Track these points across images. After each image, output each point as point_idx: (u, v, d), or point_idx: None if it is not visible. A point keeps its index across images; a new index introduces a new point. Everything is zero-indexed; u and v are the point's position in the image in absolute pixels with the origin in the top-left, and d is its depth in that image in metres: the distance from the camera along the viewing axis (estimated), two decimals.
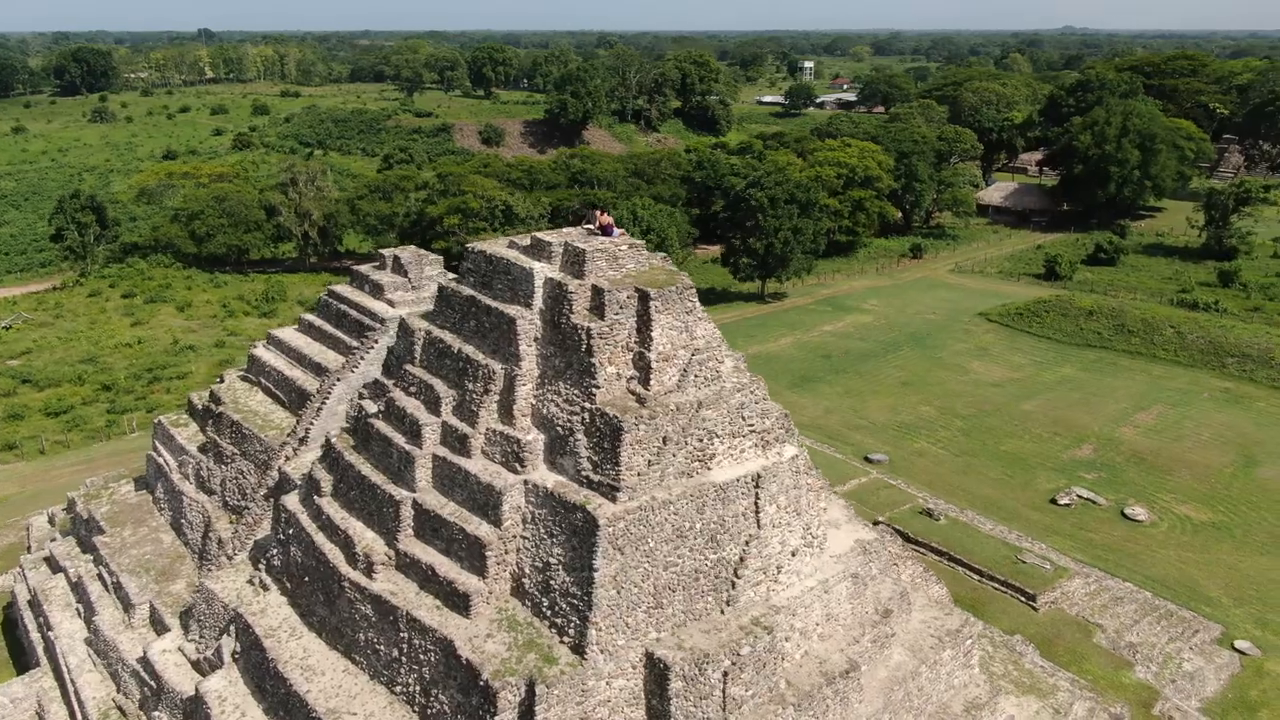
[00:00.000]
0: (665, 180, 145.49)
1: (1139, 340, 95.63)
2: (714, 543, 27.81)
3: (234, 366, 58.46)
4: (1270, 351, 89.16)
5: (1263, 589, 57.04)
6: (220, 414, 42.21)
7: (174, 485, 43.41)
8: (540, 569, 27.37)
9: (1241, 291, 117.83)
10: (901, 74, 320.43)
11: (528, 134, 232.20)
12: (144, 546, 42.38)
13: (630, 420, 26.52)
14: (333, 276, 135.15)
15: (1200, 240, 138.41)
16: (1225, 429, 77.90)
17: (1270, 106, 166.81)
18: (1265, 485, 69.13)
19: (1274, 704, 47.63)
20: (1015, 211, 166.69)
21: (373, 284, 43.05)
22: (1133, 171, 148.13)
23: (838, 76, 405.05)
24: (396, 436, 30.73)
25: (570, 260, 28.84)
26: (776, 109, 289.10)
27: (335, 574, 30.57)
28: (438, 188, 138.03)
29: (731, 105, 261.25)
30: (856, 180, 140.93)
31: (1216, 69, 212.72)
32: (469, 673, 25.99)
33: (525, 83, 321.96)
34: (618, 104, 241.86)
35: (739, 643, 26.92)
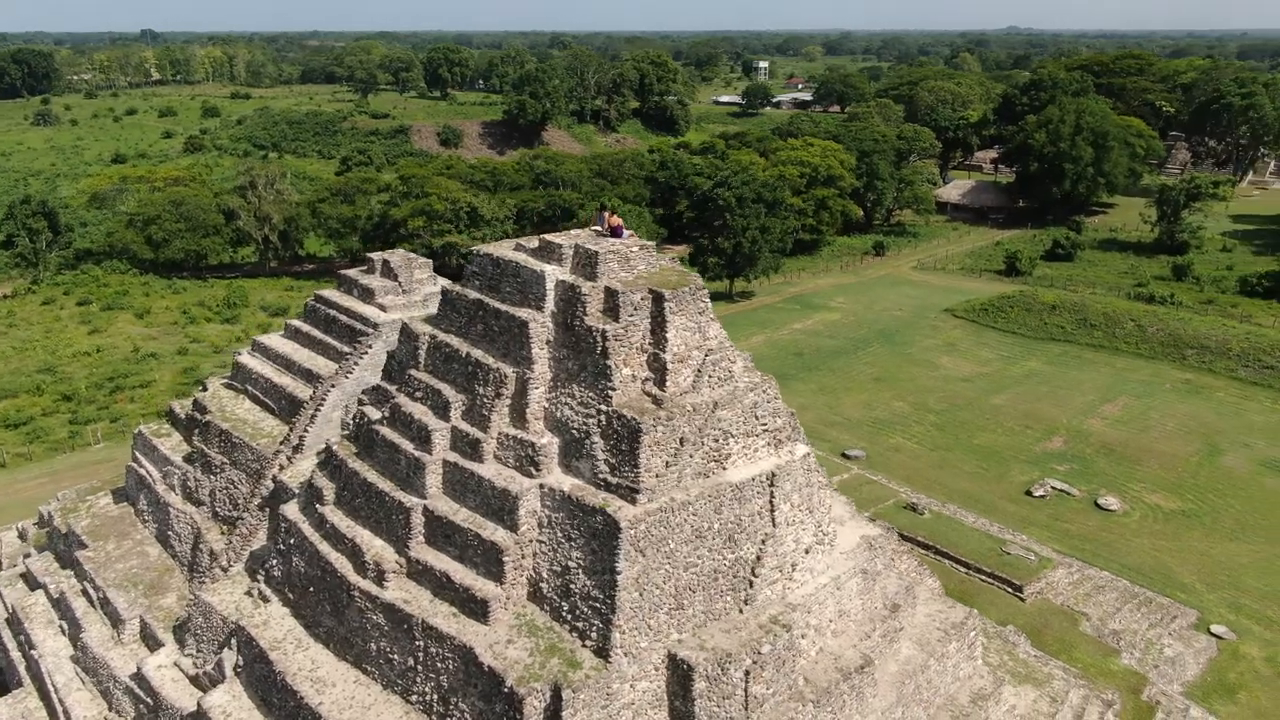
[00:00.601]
0: (629, 180, 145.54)
1: (1101, 334, 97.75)
2: (732, 542, 27.89)
3: (211, 375, 57.12)
4: (1227, 343, 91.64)
5: (1234, 574, 58.59)
6: (207, 423, 41.33)
7: (159, 497, 42.43)
8: (558, 573, 27.21)
9: (1195, 285, 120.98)
10: (856, 73, 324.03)
11: (486, 135, 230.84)
12: (130, 560, 41.36)
13: (649, 422, 26.48)
14: (294, 281, 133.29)
15: (1153, 235, 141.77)
16: (1188, 419, 79.90)
17: (1215, 105, 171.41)
18: (1229, 473, 71.01)
19: (1251, 686, 48.96)
20: (973, 209, 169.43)
21: (362, 288, 42.47)
22: (1087, 169, 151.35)
23: (792, 76, 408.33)
24: (404, 442, 30.34)
25: (582, 262, 28.70)
26: (734, 109, 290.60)
27: (343, 583, 30.09)
28: (400, 190, 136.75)
29: (690, 105, 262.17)
30: (819, 179, 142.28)
31: (1162, 68, 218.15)
32: (491, 680, 25.76)
33: (481, 83, 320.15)
34: (576, 104, 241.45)
35: (759, 641, 27.02)
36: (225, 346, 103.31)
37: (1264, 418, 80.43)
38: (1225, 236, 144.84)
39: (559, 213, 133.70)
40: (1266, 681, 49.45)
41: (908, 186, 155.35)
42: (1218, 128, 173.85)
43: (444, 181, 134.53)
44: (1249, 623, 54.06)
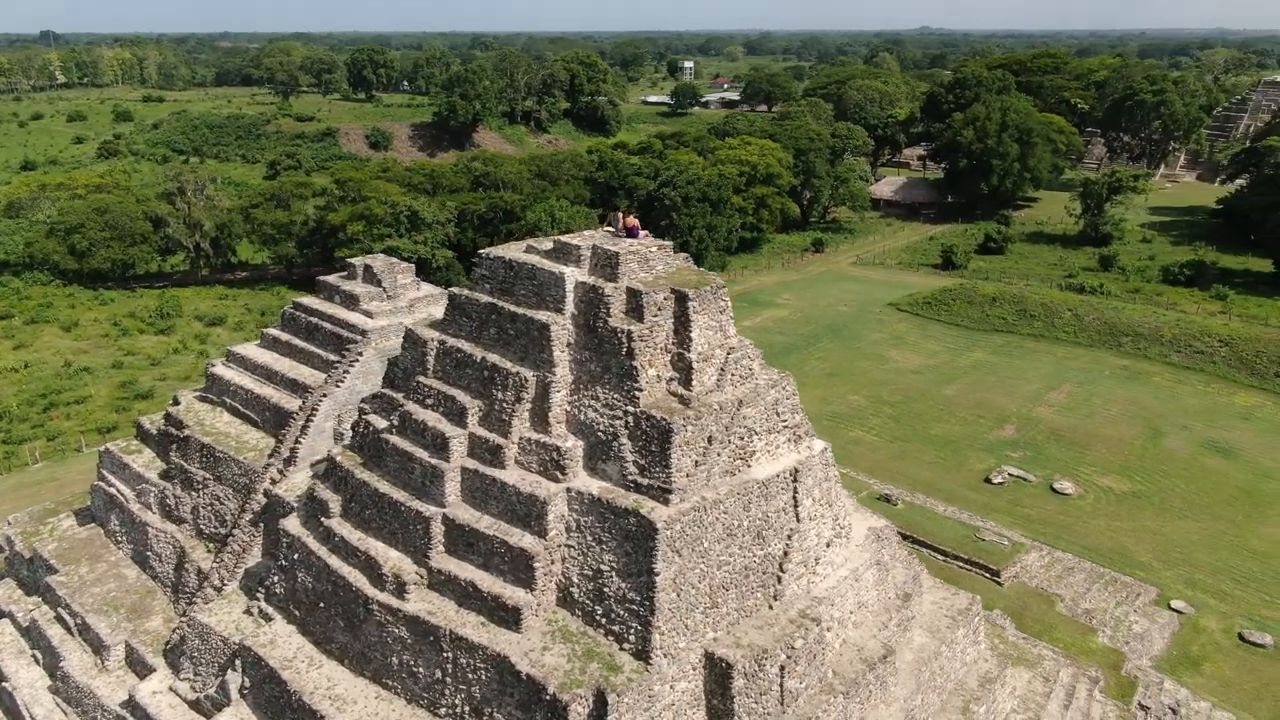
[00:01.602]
0: (569, 181, 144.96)
1: (1041, 324, 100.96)
2: (760, 539, 28.03)
3: (182, 388, 54.94)
4: (1159, 330, 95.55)
5: (1186, 551, 61.16)
6: (187, 438, 39.83)
7: (134, 516, 40.76)
8: (590, 577, 26.99)
9: (1121, 275, 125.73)
10: (781, 73, 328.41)
11: (417, 137, 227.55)
12: (106, 584, 39.64)
13: (679, 421, 26.44)
14: (228, 290, 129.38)
15: (1078, 227, 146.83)
16: (1129, 404, 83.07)
17: (1129, 102, 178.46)
18: (1172, 455, 74.07)
19: (1214, 657, 51.18)
20: (905, 205, 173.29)
21: (345, 295, 41.43)
22: (1013, 164, 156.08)
23: (718, 76, 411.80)
24: (418, 451, 29.71)
25: (601, 263, 28.51)
26: (663, 109, 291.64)
27: (359, 597, 29.33)
28: (336, 194, 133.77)
29: (620, 106, 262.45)
30: (759, 178, 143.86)
31: (1075, 67, 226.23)
32: (530, 688, 25.41)
33: (406, 85, 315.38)
34: (507, 105, 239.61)
35: (792, 636, 27.23)
36: (163, 358, 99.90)
37: (1198, 400, 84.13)
38: (1144, 228, 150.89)
39: (501, 215, 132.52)
40: (1227, 653, 51.75)
41: (843, 184, 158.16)
42: (1132, 124, 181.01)
43: (382, 185, 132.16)
44: (1205, 596, 56.50)
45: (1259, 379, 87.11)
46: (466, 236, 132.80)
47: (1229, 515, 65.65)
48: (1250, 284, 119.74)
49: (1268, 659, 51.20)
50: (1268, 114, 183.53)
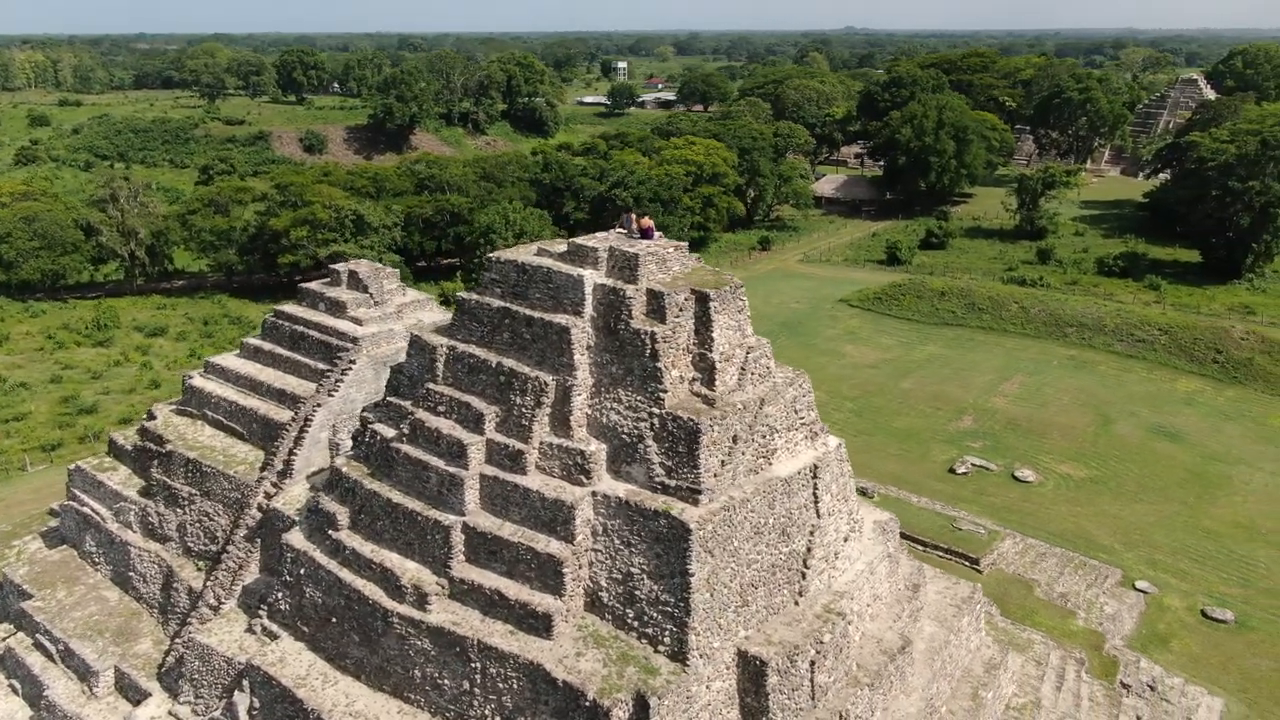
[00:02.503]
0: (515, 183, 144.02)
1: (989, 317, 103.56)
2: (785, 536, 28.23)
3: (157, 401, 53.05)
4: (1102, 320, 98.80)
5: (1144, 533, 63.35)
6: (169, 453, 38.51)
7: (113, 536, 39.28)
8: (619, 580, 26.86)
9: (1058, 267, 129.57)
10: (715, 73, 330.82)
11: (352, 140, 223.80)
12: (87, 607, 38.14)
13: (706, 422, 26.48)
14: (165, 299, 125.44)
15: (1014, 222, 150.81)
16: (1079, 392, 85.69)
17: (1056, 99, 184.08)
18: (1123, 441, 76.62)
19: (1180, 635, 53.11)
20: (846, 202, 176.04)
21: (330, 302, 40.50)
22: (950, 161, 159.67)
23: (652, 76, 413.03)
24: (433, 459, 29.20)
25: (620, 265, 28.38)
26: (600, 109, 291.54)
27: (377, 610, 28.73)
28: (277, 199, 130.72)
29: (558, 107, 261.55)
30: (705, 177, 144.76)
31: (1003, 65, 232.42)
32: (568, 694, 25.18)
33: (337, 87, 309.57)
34: (443, 107, 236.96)
35: (820, 631, 27.49)
36: (104, 371, 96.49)
37: (1143, 387, 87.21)
38: (1076, 221, 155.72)
39: (448, 218, 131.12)
40: (1192, 629, 53.76)
41: (786, 182, 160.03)
42: (1060, 120, 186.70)
43: (324, 189, 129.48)
44: (1166, 576, 58.59)
45: (1198, 365, 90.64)
46: (413, 240, 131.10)
47: (1181, 497, 68.16)
48: (1180, 274, 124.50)
49: (1230, 634, 53.30)
50: (1187, 110, 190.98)
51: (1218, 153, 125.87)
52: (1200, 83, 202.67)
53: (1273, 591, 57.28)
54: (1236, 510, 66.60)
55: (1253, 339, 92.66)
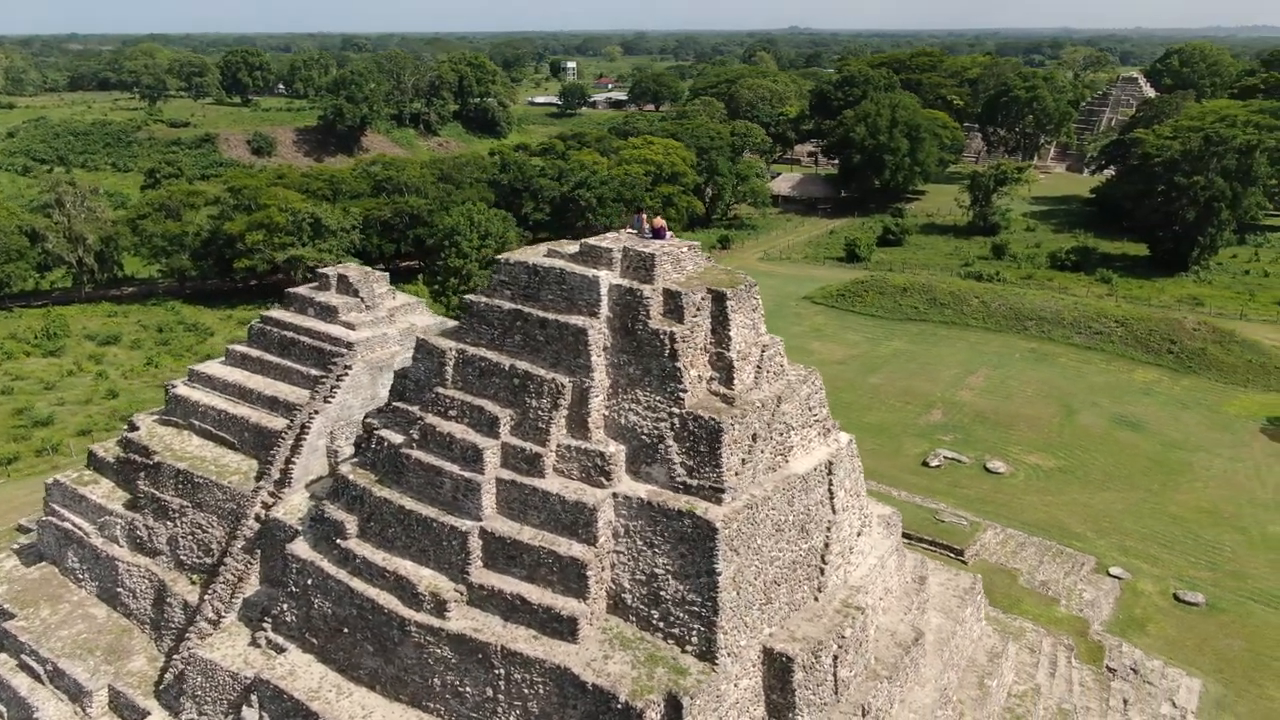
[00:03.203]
0: (473, 184, 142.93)
1: (951, 311, 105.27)
2: (804, 532, 28.39)
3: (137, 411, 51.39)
4: (1060, 313, 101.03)
5: (1114, 520, 64.92)
6: (158, 464, 37.48)
7: (97, 551, 38.14)
8: (643, 582, 26.78)
9: (1013, 262, 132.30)
10: (665, 72, 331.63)
11: (302, 141, 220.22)
12: (75, 625, 36.96)
13: (728, 421, 26.52)
14: (116, 306, 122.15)
15: (967, 218, 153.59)
16: (1042, 384, 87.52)
17: (1004, 97, 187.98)
18: (1088, 431, 78.43)
19: (1156, 619, 54.56)
20: (802, 200, 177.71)
21: (320, 307, 39.74)
22: (904, 159, 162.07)
23: (601, 76, 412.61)
24: (446, 464, 28.82)
25: (635, 265, 28.28)
26: (552, 109, 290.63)
27: (393, 619, 28.27)
28: (231, 203, 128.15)
29: (510, 107, 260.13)
30: (664, 177, 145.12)
31: (951, 64, 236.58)
32: (598, 698, 25.04)
33: (283, 88, 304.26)
34: (394, 108, 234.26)
35: (841, 626, 27.71)
36: (57, 382, 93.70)
37: (1103, 378, 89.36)
38: (1026, 217, 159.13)
39: (407, 220, 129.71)
40: (1166, 613, 55.26)
41: (743, 181, 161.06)
42: (1007, 118, 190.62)
43: (280, 192, 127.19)
44: (1138, 562, 60.12)
45: (1154, 356, 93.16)
46: (372, 243, 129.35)
47: (1146, 484, 69.97)
48: (1129, 267, 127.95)
49: (1202, 616, 54.90)
50: (1128, 108, 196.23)
51: (1162, 149, 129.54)
52: (1140, 81, 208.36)
53: (1239, 574, 59.11)
54: (1199, 496, 68.56)
55: (1204, 330, 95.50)
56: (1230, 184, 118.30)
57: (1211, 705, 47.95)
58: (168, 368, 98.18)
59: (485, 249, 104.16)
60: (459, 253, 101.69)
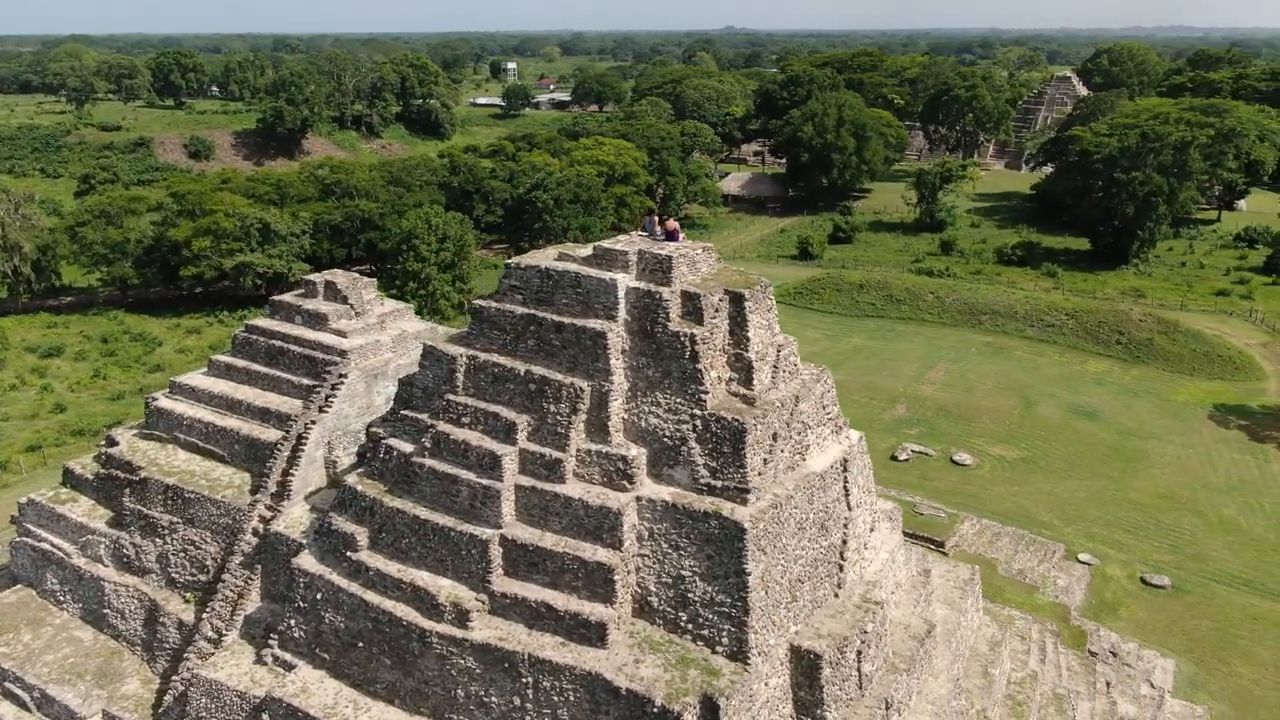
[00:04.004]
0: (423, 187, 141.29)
1: (907, 307, 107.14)
2: (824, 530, 28.64)
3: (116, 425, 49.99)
4: (1012, 307, 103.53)
5: (1079, 508, 66.78)
6: (145, 480, 36.31)
7: (80, 572, 36.83)
8: (669, 584, 26.76)
9: (961, 258, 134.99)
10: (608, 73, 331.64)
11: (241, 145, 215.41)
12: (60, 649, 35.63)
13: (751, 421, 26.63)
14: (55, 316, 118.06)
15: (914, 215, 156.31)
16: (1000, 377, 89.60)
17: (945, 96, 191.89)
18: (1047, 421, 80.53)
19: (1126, 602, 56.30)
20: (751, 199, 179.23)
21: (309, 315, 38.88)
22: (851, 158, 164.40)
23: (543, 77, 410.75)
24: (462, 472, 28.44)
25: (651, 268, 28.23)
26: (495, 110, 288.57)
27: (411, 631, 27.81)
28: (174, 209, 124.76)
29: (453, 108, 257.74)
30: (616, 177, 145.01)
31: (891, 64, 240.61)
32: (632, 702, 24.94)
33: (217, 91, 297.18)
34: (335, 110, 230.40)
35: (863, 621, 28.02)
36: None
37: (1057, 370, 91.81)
38: (971, 214, 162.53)
39: (358, 224, 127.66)
40: (1135, 596, 57.05)
41: (694, 181, 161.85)
42: (948, 117, 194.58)
43: (226, 197, 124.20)
44: (1104, 548, 61.95)
45: (1103, 347, 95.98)
46: (322, 248, 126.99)
47: (1106, 472, 72.08)
48: (1073, 261, 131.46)
49: (1169, 598, 56.81)
50: (1063, 106, 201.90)
51: (1101, 146, 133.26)
52: (1074, 80, 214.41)
53: (1200, 556, 61.26)
54: (1156, 482, 70.88)
55: (1150, 321, 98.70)
56: (1167, 179, 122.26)
57: (1186, 684, 49.65)
58: (116, 379, 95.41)
59: (444, 252, 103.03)
60: (417, 256, 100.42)
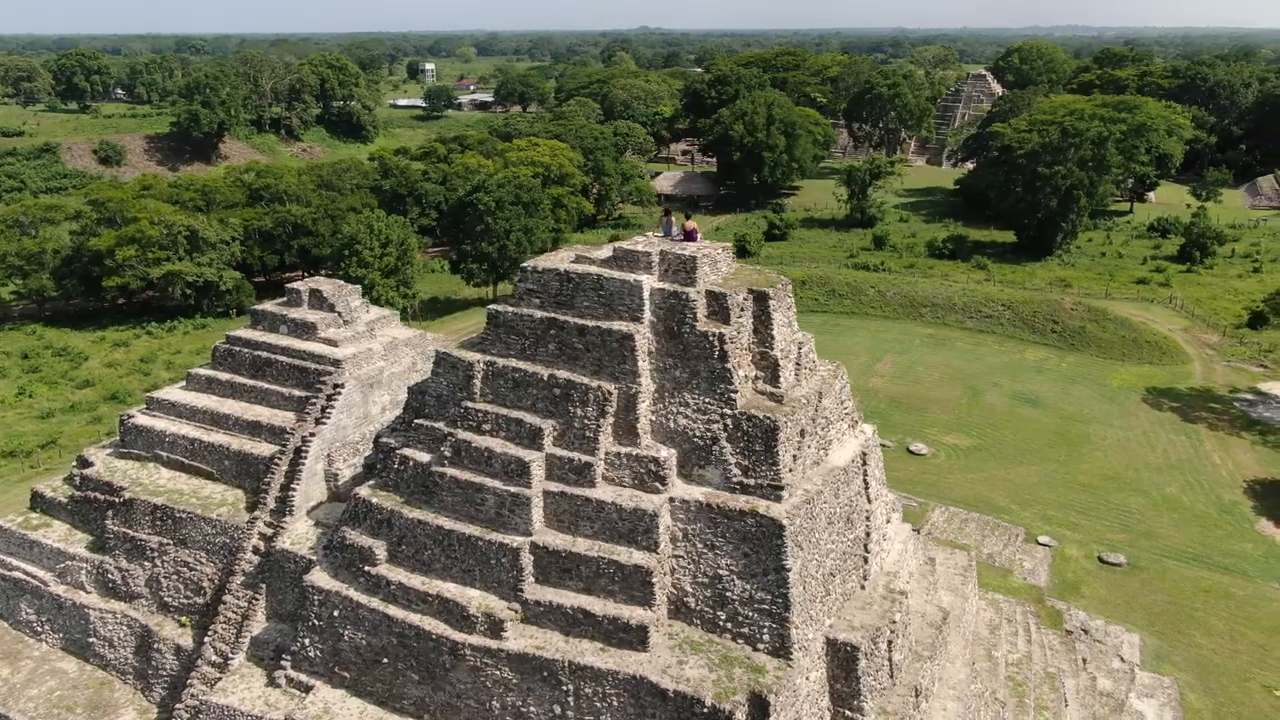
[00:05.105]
0: (355, 191, 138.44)
1: (850, 302, 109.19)
2: (849, 523, 29.02)
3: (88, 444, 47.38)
4: (951, 299, 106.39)
5: (1033, 492, 69.04)
6: (130, 501, 34.72)
7: (60, 600, 35.06)
8: (706, 584, 26.77)
9: (894, 252, 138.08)
10: (531, 73, 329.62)
11: (154, 150, 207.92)
12: (44, 683, 33.85)
13: (782, 419, 26.81)
14: None
15: (845, 211, 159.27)
16: (945, 367, 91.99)
17: (868, 95, 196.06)
18: (994, 409, 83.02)
19: (1087, 581, 58.45)
20: (684, 198, 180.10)
21: (294, 324, 37.67)
22: (782, 155, 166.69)
23: (463, 78, 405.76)
24: (488, 480, 27.95)
25: (675, 269, 28.17)
26: (417, 112, 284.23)
27: (442, 645, 27.24)
28: (94, 217, 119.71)
29: (375, 110, 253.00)
30: (552, 178, 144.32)
31: (813, 63, 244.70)
32: (680, 704, 24.87)
33: (123, 93, 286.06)
34: (253, 113, 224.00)
35: (891, 611, 28.49)
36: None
37: (998, 359, 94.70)
38: (899, 209, 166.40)
39: (289, 230, 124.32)
40: (1094, 575, 59.26)
41: (628, 180, 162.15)
42: (871, 114, 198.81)
43: (150, 203, 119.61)
44: (1061, 529, 64.19)
45: (1040, 335, 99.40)
46: (253, 255, 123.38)
47: (1054, 456, 74.65)
48: (1000, 253, 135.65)
49: (1126, 575, 59.18)
50: (979, 103, 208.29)
51: (1023, 142, 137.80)
52: (989, 78, 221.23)
53: (1151, 534, 63.95)
54: (1101, 464, 73.69)
55: (1081, 309, 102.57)
56: (1087, 173, 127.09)
57: (1152, 657, 51.81)
58: (44, 397, 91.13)
59: (386, 257, 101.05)
60: (360, 262, 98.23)
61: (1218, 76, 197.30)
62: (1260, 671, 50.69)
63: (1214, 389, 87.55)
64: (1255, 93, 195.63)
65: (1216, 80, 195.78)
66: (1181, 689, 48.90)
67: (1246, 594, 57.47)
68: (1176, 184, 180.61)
